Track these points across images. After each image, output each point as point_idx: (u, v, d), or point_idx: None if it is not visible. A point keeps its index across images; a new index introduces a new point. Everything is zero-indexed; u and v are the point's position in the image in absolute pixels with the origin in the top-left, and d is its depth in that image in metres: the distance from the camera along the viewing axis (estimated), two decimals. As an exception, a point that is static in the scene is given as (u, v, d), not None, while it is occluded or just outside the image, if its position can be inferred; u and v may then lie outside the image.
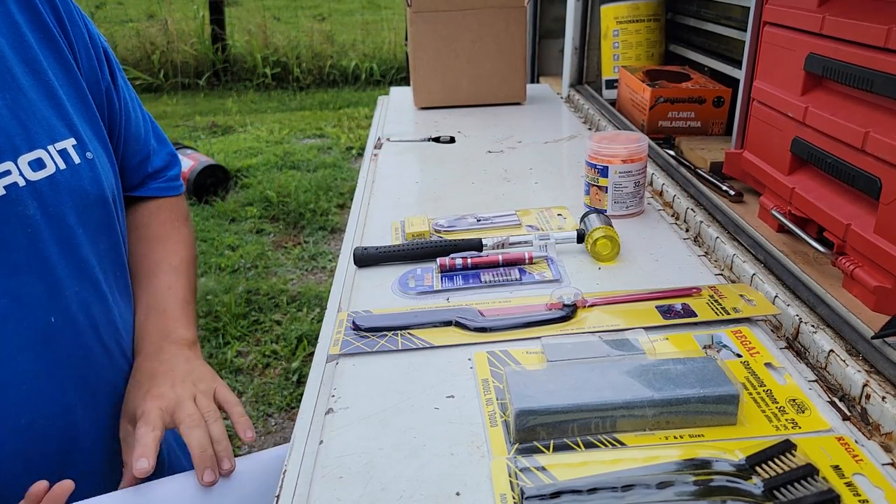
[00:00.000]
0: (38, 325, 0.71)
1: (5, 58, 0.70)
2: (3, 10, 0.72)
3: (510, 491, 0.60)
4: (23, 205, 0.69)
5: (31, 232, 0.69)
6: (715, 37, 1.63)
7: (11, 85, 0.70)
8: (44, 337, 0.71)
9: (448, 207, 1.26)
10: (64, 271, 0.73)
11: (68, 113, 0.75)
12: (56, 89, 0.74)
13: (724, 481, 0.60)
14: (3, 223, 0.68)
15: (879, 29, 0.78)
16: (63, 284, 0.73)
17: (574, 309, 0.88)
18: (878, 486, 0.59)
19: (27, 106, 0.70)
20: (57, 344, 0.73)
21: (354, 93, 6.79)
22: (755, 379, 0.74)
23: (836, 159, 0.87)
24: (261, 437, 2.32)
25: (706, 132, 1.50)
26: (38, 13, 0.75)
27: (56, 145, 0.72)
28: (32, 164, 0.70)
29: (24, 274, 0.69)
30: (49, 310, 0.72)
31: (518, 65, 1.92)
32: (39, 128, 0.71)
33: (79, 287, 0.74)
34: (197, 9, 7.33)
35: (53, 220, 0.71)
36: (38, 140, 0.71)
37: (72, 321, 0.74)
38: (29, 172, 0.69)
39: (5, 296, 0.68)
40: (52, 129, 0.72)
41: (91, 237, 0.76)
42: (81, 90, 0.78)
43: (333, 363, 0.82)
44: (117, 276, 0.82)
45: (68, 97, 0.76)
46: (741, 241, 1.03)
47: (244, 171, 4.54)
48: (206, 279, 3.21)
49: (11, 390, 0.70)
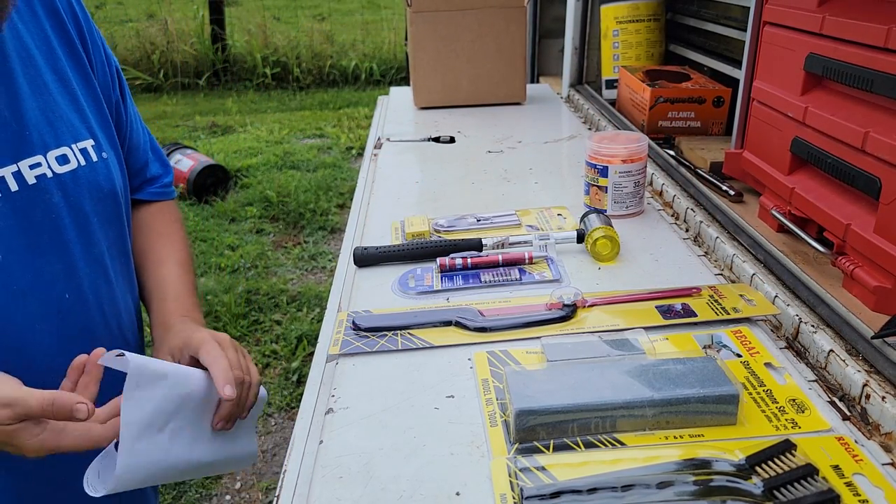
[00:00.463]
0: (55, 300, 0.80)
1: (38, 66, 0.80)
2: (36, 22, 0.82)
3: (510, 491, 0.60)
4: (49, 193, 0.78)
5: (54, 217, 0.79)
6: (715, 37, 1.63)
7: (43, 90, 0.80)
8: (59, 311, 0.80)
9: (448, 207, 1.26)
10: (79, 254, 0.82)
11: (88, 118, 0.85)
12: (78, 96, 0.84)
13: (723, 481, 0.60)
14: (33, 208, 0.77)
15: (879, 29, 0.79)
16: (78, 265, 0.82)
17: (574, 309, 0.88)
18: (877, 485, 0.59)
19: (55, 109, 0.80)
20: (69, 319, 0.81)
21: (354, 93, 6.79)
22: (755, 379, 0.74)
23: (836, 159, 0.87)
24: (261, 437, 2.32)
25: (706, 132, 1.50)
26: (66, 28, 0.85)
27: (78, 144, 0.82)
28: (59, 158, 0.80)
29: (46, 254, 0.79)
30: (65, 287, 0.81)
31: (518, 65, 1.92)
32: (65, 128, 0.81)
33: (90, 269, 0.84)
34: (197, 9, 7.32)
35: (73, 209, 0.81)
36: (64, 139, 0.81)
37: (83, 299, 0.83)
38: (56, 166, 0.79)
39: (29, 272, 0.77)
40: (75, 131, 0.82)
41: (103, 227, 0.86)
42: (98, 99, 0.88)
43: (333, 363, 0.82)
44: (122, 263, 0.91)
45: (88, 104, 0.86)
46: (741, 241, 1.03)
47: (244, 171, 4.54)
48: (206, 279, 3.21)
49: (31, 358, 0.78)
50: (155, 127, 5.64)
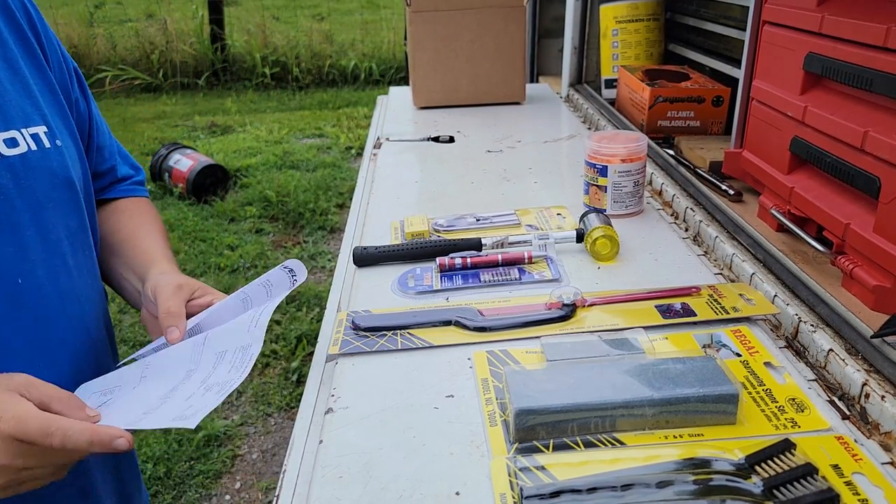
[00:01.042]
0: (7, 283, 0.78)
1: None
2: None
3: (510, 490, 0.60)
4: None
5: (2, 198, 0.78)
6: (714, 36, 1.63)
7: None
8: (12, 295, 0.79)
9: (447, 207, 1.26)
10: (32, 238, 0.80)
11: (40, 105, 0.84)
12: (30, 84, 0.84)
13: (723, 480, 0.60)
14: None
15: (878, 28, 0.79)
16: (30, 249, 0.80)
17: (573, 308, 0.88)
18: (877, 485, 0.59)
19: (3, 94, 0.80)
20: (23, 305, 0.80)
21: (354, 92, 6.79)
22: (754, 378, 0.74)
23: (836, 158, 0.87)
24: (260, 437, 2.32)
25: (705, 131, 1.50)
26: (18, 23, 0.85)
27: (29, 129, 0.81)
28: (7, 141, 0.79)
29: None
30: (17, 271, 0.79)
31: (517, 64, 1.92)
32: (14, 113, 0.80)
33: (46, 255, 0.82)
34: (196, 8, 7.32)
35: (25, 192, 0.80)
36: (13, 122, 0.80)
37: (38, 286, 0.81)
38: (4, 148, 0.78)
39: None
40: (25, 116, 0.81)
41: (61, 214, 0.84)
42: (54, 89, 0.87)
43: (333, 363, 0.82)
44: (85, 255, 0.90)
45: (41, 93, 0.85)
46: (740, 240, 1.03)
47: (243, 171, 4.53)
48: (206, 279, 3.21)
49: None
50: (154, 127, 5.65)
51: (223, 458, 2.22)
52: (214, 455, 2.23)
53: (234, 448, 2.27)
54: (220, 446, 2.28)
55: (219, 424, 2.34)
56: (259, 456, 2.25)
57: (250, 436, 2.34)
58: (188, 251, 3.51)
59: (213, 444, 2.27)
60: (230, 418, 2.40)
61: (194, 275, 3.25)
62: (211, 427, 2.31)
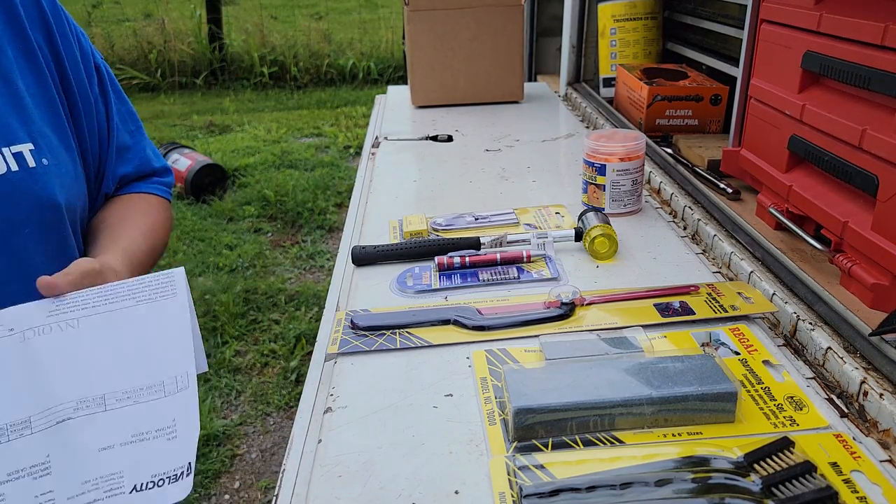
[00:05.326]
0: None
1: None
2: None
3: (509, 489, 0.60)
4: None
5: None
6: (712, 35, 1.63)
7: None
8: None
9: (446, 206, 1.26)
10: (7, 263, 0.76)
11: (32, 120, 0.80)
12: (23, 97, 0.79)
13: (722, 478, 0.60)
14: None
15: (876, 26, 0.79)
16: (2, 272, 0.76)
17: (572, 307, 0.88)
18: (875, 482, 0.59)
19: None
20: None
21: (352, 92, 6.78)
22: (753, 376, 0.74)
23: (834, 157, 0.87)
24: (259, 437, 2.32)
25: (704, 130, 1.50)
26: (22, 26, 0.80)
27: (12, 148, 0.77)
28: None
29: None
30: None
31: (515, 63, 1.92)
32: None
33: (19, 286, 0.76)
34: (194, 8, 7.31)
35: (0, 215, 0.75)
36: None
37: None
38: None
39: None
40: (10, 133, 0.77)
41: (42, 236, 0.80)
42: (52, 101, 0.83)
43: (332, 362, 0.82)
44: None
45: (37, 105, 0.81)
46: (739, 238, 1.03)
47: (242, 171, 4.53)
48: (204, 278, 3.21)
49: None
50: (152, 126, 5.64)
51: (222, 457, 2.22)
52: (213, 454, 2.23)
53: (232, 447, 2.27)
54: (218, 446, 2.27)
55: (217, 424, 2.34)
56: (258, 455, 2.25)
57: (249, 435, 2.34)
58: (186, 251, 3.51)
59: (212, 444, 2.27)
60: (229, 418, 2.40)
61: (193, 274, 3.24)
62: (210, 426, 2.31)
